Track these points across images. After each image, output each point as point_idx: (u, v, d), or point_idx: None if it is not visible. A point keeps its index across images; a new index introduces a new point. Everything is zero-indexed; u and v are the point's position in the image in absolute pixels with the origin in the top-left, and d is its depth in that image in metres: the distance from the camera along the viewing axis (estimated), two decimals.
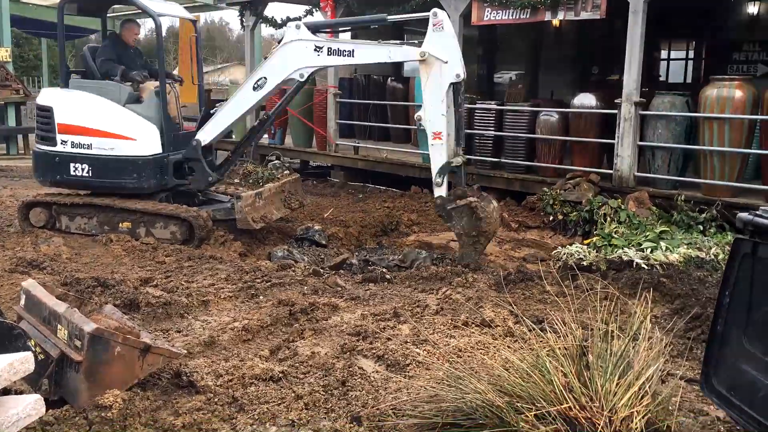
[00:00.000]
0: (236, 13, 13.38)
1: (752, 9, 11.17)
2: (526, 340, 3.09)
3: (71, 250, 6.39)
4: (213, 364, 3.74)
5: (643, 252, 5.92)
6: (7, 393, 2.60)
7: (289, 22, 7.69)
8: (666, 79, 13.17)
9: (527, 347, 2.99)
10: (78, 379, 3.16)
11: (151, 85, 7.27)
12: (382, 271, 5.97)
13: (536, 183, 8.85)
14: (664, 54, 13.30)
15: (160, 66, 7.28)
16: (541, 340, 2.92)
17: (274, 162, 10.80)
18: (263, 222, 7.20)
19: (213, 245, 6.81)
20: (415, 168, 10.12)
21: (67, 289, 4.95)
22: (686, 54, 13.12)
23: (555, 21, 9.92)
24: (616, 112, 8.09)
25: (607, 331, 2.86)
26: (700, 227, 6.93)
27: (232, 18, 53.58)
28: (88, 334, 3.12)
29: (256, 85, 6.80)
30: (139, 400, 3.20)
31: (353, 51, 6.49)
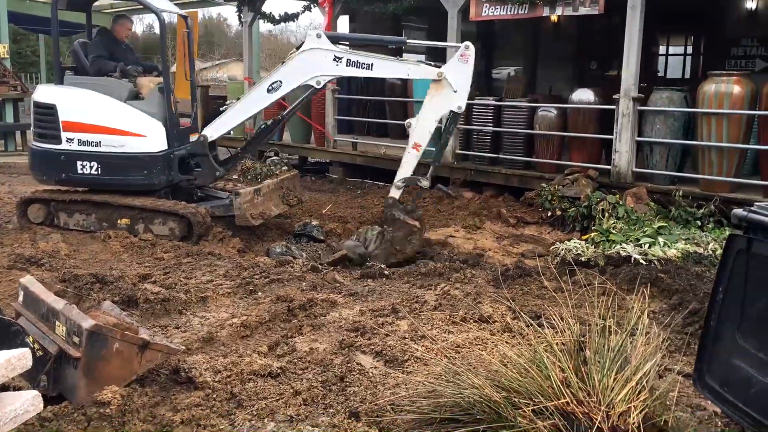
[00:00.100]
0: (234, 9, 13.34)
1: (750, 4, 11.17)
2: (524, 336, 3.10)
3: (69, 247, 6.38)
4: (211, 360, 3.73)
5: (641, 247, 5.92)
6: (5, 389, 2.60)
7: (310, 30, 7.93)
8: (664, 74, 13.16)
9: (525, 343, 2.99)
10: (76, 376, 3.16)
11: (148, 81, 7.25)
12: (381, 267, 5.98)
13: (534, 179, 8.86)
14: (662, 49, 13.30)
15: (163, 62, 7.26)
16: (539, 336, 2.92)
17: (273, 158, 10.78)
18: (262, 218, 7.21)
19: (211, 241, 6.80)
20: None
21: (66, 285, 4.95)
22: (684, 49, 13.11)
23: (553, 16, 9.89)
24: (614, 107, 8.10)
25: (605, 327, 2.87)
26: (698, 223, 6.94)
27: (230, 14, 53.44)
28: (86, 331, 3.12)
29: (271, 88, 6.87)
30: (138, 396, 3.21)
31: (372, 65, 6.68)
